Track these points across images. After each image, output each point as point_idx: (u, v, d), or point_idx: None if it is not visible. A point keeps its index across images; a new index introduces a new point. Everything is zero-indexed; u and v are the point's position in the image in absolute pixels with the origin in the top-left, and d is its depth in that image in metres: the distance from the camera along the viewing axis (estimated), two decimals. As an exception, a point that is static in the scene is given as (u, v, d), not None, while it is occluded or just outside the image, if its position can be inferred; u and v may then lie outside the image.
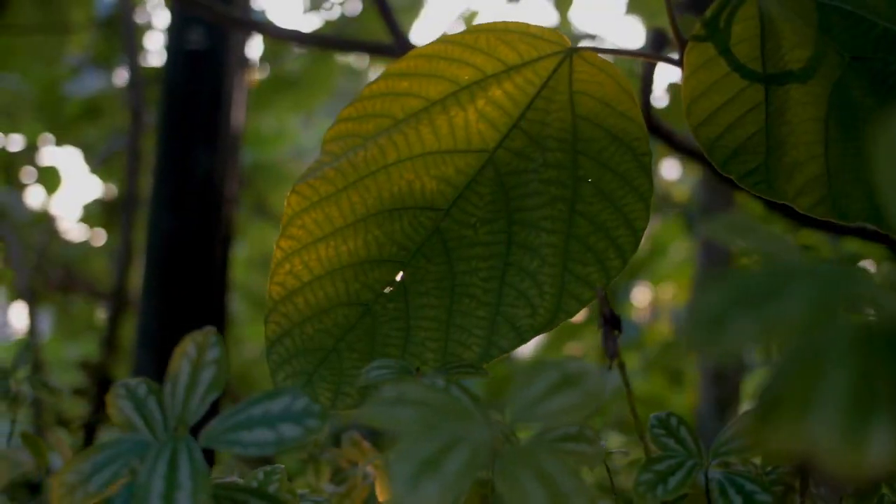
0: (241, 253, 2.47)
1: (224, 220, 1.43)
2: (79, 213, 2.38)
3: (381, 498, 0.59)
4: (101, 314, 2.62)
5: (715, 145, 0.52)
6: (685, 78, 0.55)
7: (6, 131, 2.21)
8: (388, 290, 0.53)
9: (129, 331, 2.08)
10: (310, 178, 0.55)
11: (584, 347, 2.43)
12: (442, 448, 0.29)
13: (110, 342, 1.80)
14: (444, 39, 0.57)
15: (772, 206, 1.08)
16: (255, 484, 0.49)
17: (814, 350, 0.19)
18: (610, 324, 0.42)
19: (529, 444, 0.30)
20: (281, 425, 0.37)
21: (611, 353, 0.42)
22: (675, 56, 0.60)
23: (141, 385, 0.41)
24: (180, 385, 0.39)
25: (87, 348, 2.73)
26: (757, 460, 0.46)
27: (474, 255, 0.53)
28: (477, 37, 0.56)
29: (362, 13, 2.43)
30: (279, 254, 0.53)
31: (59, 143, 2.34)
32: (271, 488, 0.48)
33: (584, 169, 0.53)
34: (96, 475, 0.37)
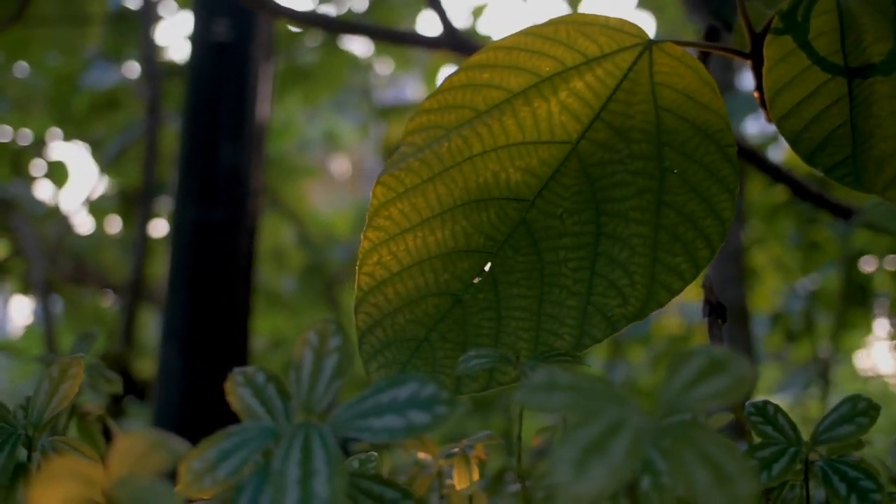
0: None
1: (250, 213, 1.43)
2: (88, 205, 2.37)
3: (458, 486, 0.60)
4: (109, 306, 2.61)
5: (800, 138, 0.53)
6: (766, 71, 0.56)
7: (18, 124, 2.20)
8: (477, 280, 0.53)
9: (142, 323, 2.08)
10: (394, 168, 0.55)
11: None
12: (605, 432, 0.30)
13: (127, 334, 1.80)
14: (524, 31, 0.57)
15: (799, 193, 1.09)
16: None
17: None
18: (716, 313, 0.43)
19: (688, 427, 0.30)
20: (410, 412, 0.37)
21: (715, 341, 0.43)
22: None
23: (259, 373, 0.41)
24: (304, 372, 0.39)
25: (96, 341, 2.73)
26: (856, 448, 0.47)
27: (562, 245, 0.53)
28: (556, 28, 0.57)
29: (371, 7, 2.43)
30: (367, 244, 0.54)
31: (69, 137, 2.34)
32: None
33: (669, 160, 0.54)
34: (224, 462, 0.37)
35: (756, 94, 0.62)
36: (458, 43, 0.87)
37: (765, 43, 0.56)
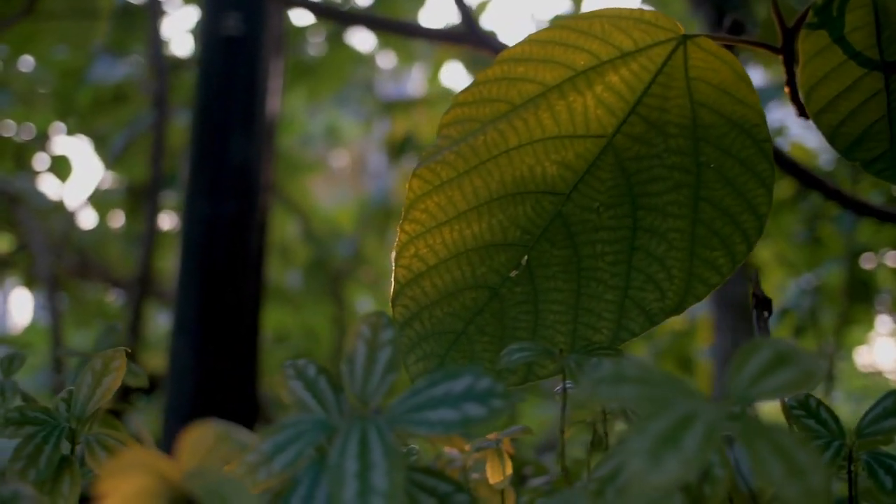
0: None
1: (260, 208, 1.43)
2: (93, 200, 2.36)
3: (492, 480, 0.60)
4: (113, 301, 2.61)
5: (837, 132, 0.53)
6: (801, 66, 0.56)
7: (22, 118, 2.20)
8: (514, 273, 0.53)
9: (146, 317, 2.08)
10: (429, 161, 0.55)
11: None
12: (677, 424, 0.30)
13: (134, 328, 1.80)
14: (559, 25, 0.57)
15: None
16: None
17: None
18: (761, 306, 0.43)
19: (759, 420, 0.30)
20: (465, 405, 0.37)
21: (762, 333, 0.43)
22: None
23: (309, 365, 0.41)
24: (358, 365, 0.39)
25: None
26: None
27: (599, 239, 0.53)
28: (591, 22, 0.57)
29: (376, 2, 2.42)
30: (404, 237, 0.54)
31: (72, 132, 2.33)
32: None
33: (705, 155, 0.54)
34: (279, 455, 0.37)
35: (786, 90, 0.63)
36: (479, 38, 0.87)
37: (799, 38, 0.56)
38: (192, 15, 2.29)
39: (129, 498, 0.29)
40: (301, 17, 2.26)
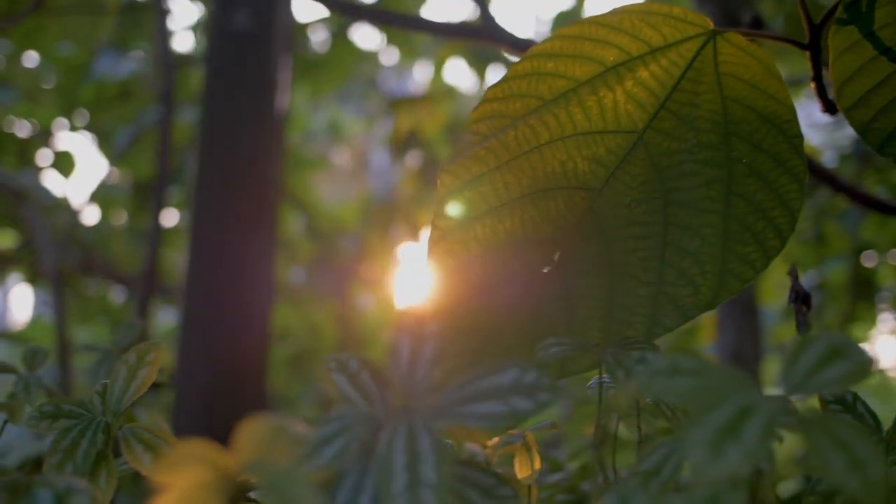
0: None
1: (269, 204, 1.42)
2: (97, 196, 2.36)
3: (520, 475, 0.60)
4: (115, 298, 2.61)
5: (869, 128, 0.53)
6: (831, 62, 0.56)
7: (26, 114, 2.19)
8: (546, 269, 0.53)
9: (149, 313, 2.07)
10: (460, 157, 0.55)
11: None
12: (737, 416, 0.30)
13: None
14: (588, 20, 0.57)
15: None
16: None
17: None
18: (801, 300, 0.43)
19: (819, 413, 0.30)
20: (512, 398, 0.37)
21: (802, 327, 0.43)
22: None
23: (352, 360, 0.41)
24: (403, 359, 0.39)
25: (100, 332, 2.72)
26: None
27: (631, 234, 0.53)
28: (621, 18, 0.57)
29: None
30: (436, 232, 0.54)
31: (75, 128, 2.33)
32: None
33: (737, 150, 0.54)
34: (325, 448, 0.37)
35: (813, 85, 0.63)
36: (496, 33, 0.87)
37: (829, 33, 0.56)
38: (198, 11, 2.28)
39: (189, 490, 0.29)
40: (305, 14, 2.26)
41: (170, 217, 2.37)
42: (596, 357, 0.49)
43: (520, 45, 0.83)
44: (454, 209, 0.54)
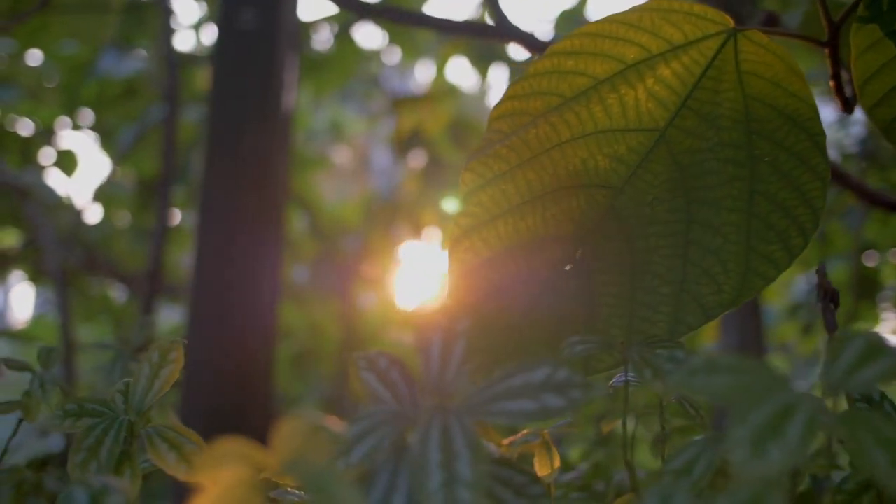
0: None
1: (275, 202, 1.42)
2: (100, 195, 2.35)
3: (541, 473, 0.60)
4: (118, 296, 2.60)
5: (892, 126, 0.53)
6: (853, 60, 0.56)
7: (30, 112, 2.19)
8: (568, 267, 0.53)
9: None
10: (481, 155, 0.55)
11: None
12: (778, 414, 0.30)
13: (145, 324, 1.79)
14: (608, 18, 0.57)
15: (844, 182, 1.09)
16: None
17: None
18: (829, 298, 0.43)
19: (862, 411, 0.30)
20: (544, 395, 0.37)
21: (830, 326, 0.43)
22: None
23: (381, 357, 0.41)
24: (433, 357, 0.39)
25: (102, 331, 2.72)
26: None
27: (653, 232, 0.53)
28: (641, 16, 0.57)
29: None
30: (457, 230, 0.54)
31: (78, 126, 2.32)
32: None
33: (759, 148, 0.54)
34: (357, 446, 0.37)
35: (832, 84, 0.63)
36: (509, 31, 0.87)
37: (851, 32, 0.56)
38: (203, 10, 2.28)
39: (229, 488, 0.29)
40: (308, 13, 2.26)
41: (173, 216, 2.36)
42: (620, 355, 0.49)
43: (535, 44, 0.83)
44: (476, 207, 0.54)
